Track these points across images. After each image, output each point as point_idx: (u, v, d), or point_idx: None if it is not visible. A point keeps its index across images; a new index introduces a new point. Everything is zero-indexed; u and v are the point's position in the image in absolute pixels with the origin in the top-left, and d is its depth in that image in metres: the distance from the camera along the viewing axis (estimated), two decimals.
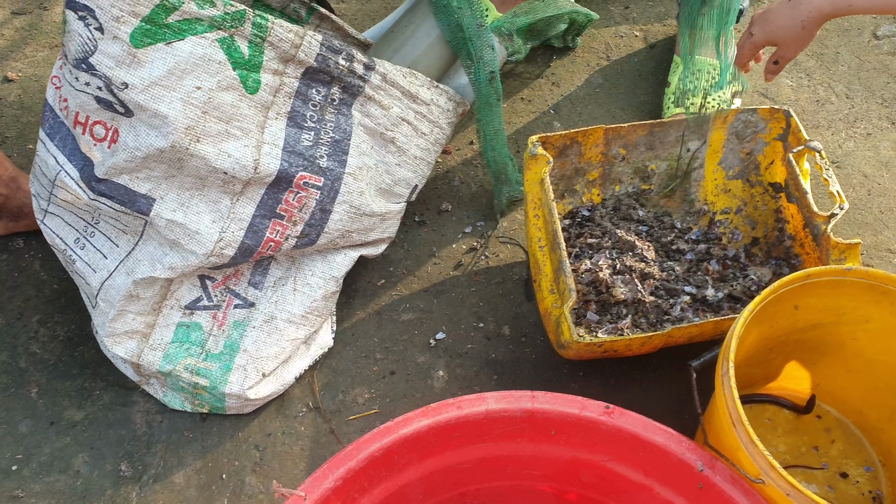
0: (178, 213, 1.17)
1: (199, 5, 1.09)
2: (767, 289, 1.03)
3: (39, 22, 1.83)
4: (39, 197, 1.26)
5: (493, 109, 1.38)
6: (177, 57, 1.09)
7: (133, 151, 1.12)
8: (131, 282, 1.21)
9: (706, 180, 1.45)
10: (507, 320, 1.39)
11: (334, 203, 1.27)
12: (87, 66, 1.09)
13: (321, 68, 1.20)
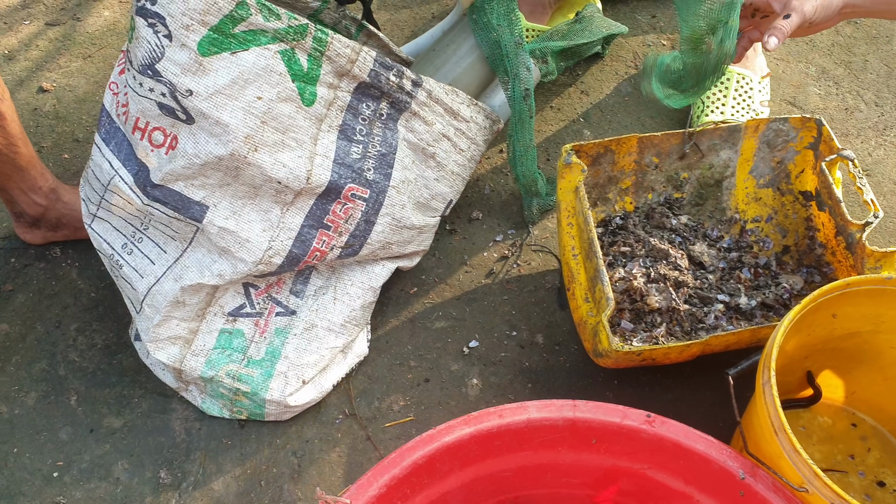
0: (230, 221, 1.19)
1: (266, 18, 1.11)
2: (807, 297, 1.04)
3: (73, 33, 1.85)
4: (89, 201, 1.28)
5: (525, 126, 1.40)
6: (240, 66, 1.11)
7: (191, 158, 1.14)
8: (179, 288, 1.23)
9: (737, 189, 1.45)
10: (540, 328, 1.40)
11: (378, 215, 1.29)
12: (153, 72, 1.11)
13: (373, 83, 1.23)
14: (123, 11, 1.89)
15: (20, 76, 1.77)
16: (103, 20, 1.88)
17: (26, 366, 1.38)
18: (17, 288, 1.47)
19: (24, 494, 1.26)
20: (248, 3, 1.10)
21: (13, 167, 1.36)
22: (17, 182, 1.39)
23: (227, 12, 1.09)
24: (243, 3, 1.10)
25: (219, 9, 1.09)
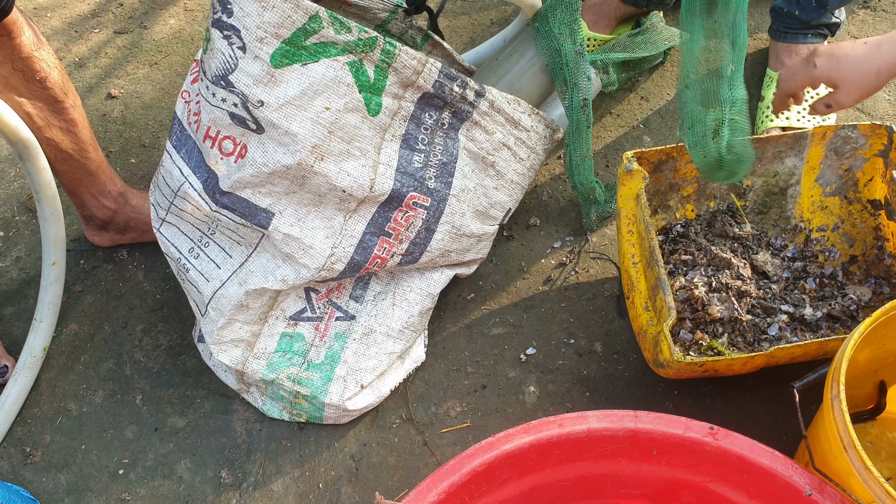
0: (294, 228, 1.21)
1: (337, 31, 1.13)
2: (878, 311, 1.01)
3: (140, 41, 1.90)
4: (158, 206, 1.32)
5: (583, 136, 1.40)
6: (310, 78, 1.14)
7: (260, 167, 1.17)
8: (244, 292, 1.25)
9: (802, 197, 1.42)
10: (598, 336, 1.39)
11: (438, 223, 1.30)
12: (226, 83, 1.14)
13: (437, 94, 1.24)
14: (189, 20, 1.94)
15: (90, 83, 1.82)
16: (169, 28, 1.92)
17: (94, 365, 1.42)
18: (85, 289, 1.51)
19: (91, 490, 1.30)
20: (321, 16, 1.12)
21: (84, 172, 1.40)
22: (87, 186, 1.43)
23: (301, 25, 1.11)
24: (316, 17, 1.12)
25: (292, 22, 1.11)
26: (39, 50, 1.26)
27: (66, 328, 1.47)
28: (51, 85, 1.29)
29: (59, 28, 1.94)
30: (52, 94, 1.30)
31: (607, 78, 1.54)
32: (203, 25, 1.92)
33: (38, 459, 1.33)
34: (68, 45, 1.90)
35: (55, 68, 1.29)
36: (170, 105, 1.77)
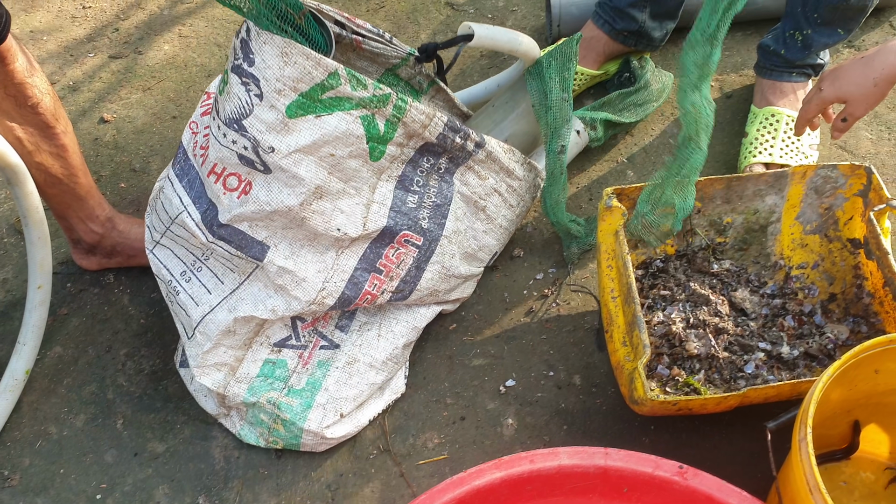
0: (289, 261, 1.24)
1: (353, 87, 1.17)
2: (847, 353, 1.02)
3: (134, 66, 1.93)
4: (153, 229, 1.34)
5: (557, 181, 1.43)
6: (323, 130, 1.16)
7: (263, 205, 1.19)
8: (232, 318, 1.27)
9: (783, 234, 1.43)
10: (578, 369, 1.40)
11: (428, 262, 1.33)
12: (239, 126, 1.16)
13: (439, 144, 1.28)
14: (183, 46, 1.96)
15: (83, 107, 1.84)
16: (163, 54, 1.95)
17: (77, 388, 1.43)
18: (71, 312, 1.52)
19: None
20: (340, 73, 1.15)
21: (73, 196, 1.42)
22: (76, 210, 1.45)
23: (319, 81, 1.14)
24: (335, 74, 1.15)
25: (312, 78, 1.14)
26: (32, 76, 1.28)
27: (51, 351, 1.48)
28: (42, 111, 1.31)
29: (55, 52, 1.96)
30: (43, 119, 1.32)
31: (595, 134, 1.60)
32: (196, 52, 1.95)
33: (15, 483, 1.33)
34: (63, 69, 1.92)
35: (47, 94, 1.31)
36: (161, 130, 1.79)
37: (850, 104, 1.30)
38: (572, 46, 1.40)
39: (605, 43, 1.70)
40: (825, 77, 1.32)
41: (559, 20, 1.82)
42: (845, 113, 1.32)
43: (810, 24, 1.53)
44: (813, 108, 1.35)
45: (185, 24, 2.01)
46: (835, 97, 1.31)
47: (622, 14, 1.66)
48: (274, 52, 1.13)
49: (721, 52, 1.15)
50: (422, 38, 1.93)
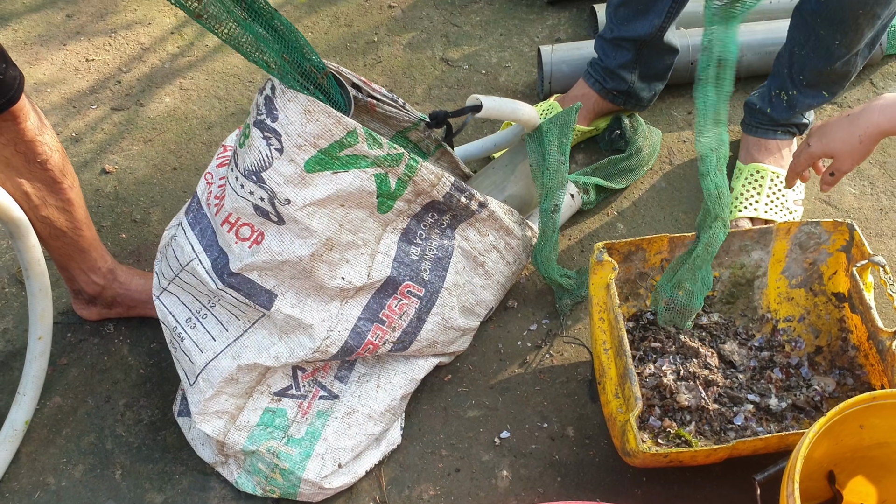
0: (295, 309, 1.28)
1: (370, 146, 1.22)
2: (832, 410, 1.05)
3: (136, 118, 1.97)
4: (162, 276, 1.37)
5: (548, 238, 1.48)
6: (338, 185, 1.22)
7: (274, 255, 1.24)
8: (236, 366, 1.30)
9: (769, 288, 1.47)
10: (571, 421, 1.43)
11: (429, 314, 1.37)
12: (258, 178, 1.21)
13: (445, 202, 1.34)
14: (183, 98, 2.01)
15: (85, 158, 1.88)
16: (164, 106, 1.99)
17: (76, 439, 1.44)
18: (71, 362, 1.54)
19: None
20: (358, 132, 1.21)
21: (76, 249, 1.45)
22: (78, 262, 1.47)
23: (339, 138, 1.20)
24: (353, 132, 1.21)
25: (332, 135, 1.20)
26: (42, 134, 1.31)
27: (50, 401, 1.49)
28: (51, 167, 1.34)
29: (58, 103, 2.00)
30: (51, 175, 1.35)
31: (587, 198, 1.67)
32: (197, 104, 1.99)
33: None
34: (66, 121, 1.96)
35: (56, 151, 1.34)
36: (162, 181, 1.83)
37: (836, 160, 1.35)
38: (571, 115, 1.46)
39: (595, 101, 1.76)
40: (813, 133, 1.37)
41: (550, 77, 1.88)
42: (832, 168, 1.37)
43: (796, 85, 1.59)
44: (802, 162, 1.41)
45: (185, 77, 2.06)
46: (822, 153, 1.36)
47: (613, 74, 1.72)
48: (297, 110, 1.19)
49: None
50: (417, 93, 1.98)
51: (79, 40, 2.17)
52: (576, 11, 2.14)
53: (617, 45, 1.69)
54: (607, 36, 1.71)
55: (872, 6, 1.42)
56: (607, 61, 1.72)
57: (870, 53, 1.56)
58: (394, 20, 2.18)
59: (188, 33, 2.18)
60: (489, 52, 2.07)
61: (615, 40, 1.69)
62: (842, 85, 1.58)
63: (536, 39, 2.09)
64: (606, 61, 1.72)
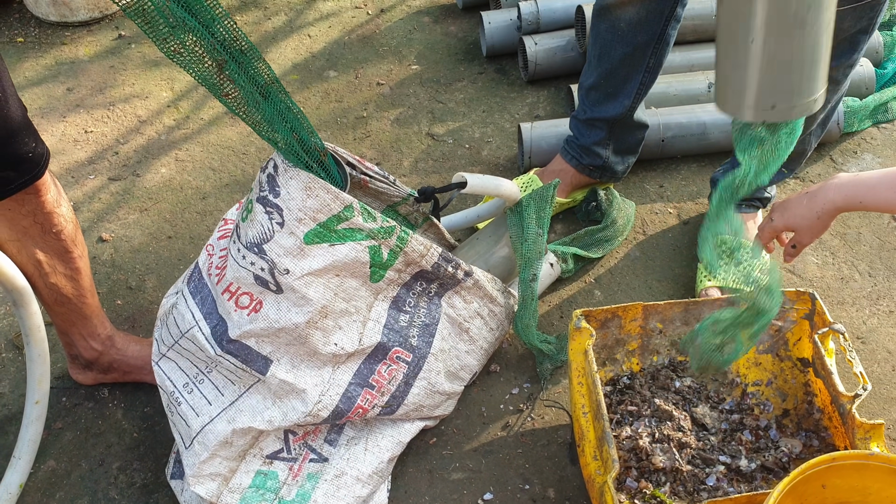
0: (289, 375, 1.34)
1: (365, 219, 1.32)
2: (795, 470, 1.12)
3: (132, 188, 2.05)
4: (161, 342, 1.43)
5: (528, 306, 1.57)
6: (335, 257, 1.30)
7: (272, 323, 1.31)
8: (231, 430, 1.35)
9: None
10: (552, 483, 1.48)
11: (416, 378, 1.45)
12: (259, 249, 1.30)
13: (433, 272, 1.43)
14: (179, 169, 2.09)
15: (83, 226, 1.95)
16: (160, 177, 2.07)
17: (69, 502, 1.48)
18: (66, 426, 1.58)
19: None
20: (354, 206, 1.31)
21: (79, 315, 1.50)
22: (79, 329, 1.53)
23: (336, 213, 1.30)
24: (350, 207, 1.30)
25: (329, 209, 1.29)
26: (59, 206, 1.38)
27: (44, 464, 1.53)
28: (65, 237, 1.40)
29: (57, 173, 2.08)
30: (64, 245, 1.41)
31: (566, 266, 1.77)
32: (192, 175, 2.07)
33: None
34: (64, 189, 2.03)
35: (70, 222, 1.41)
36: (157, 250, 1.90)
37: (797, 233, 1.44)
38: (549, 191, 1.57)
39: (572, 175, 1.86)
40: (776, 208, 1.45)
41: (530, 152, 1.98)
42: (794, 241, 1.46)
43: None
44: (766, 235, 1.48)
45: (181, 149, 2.15)
46: (784, 227, 1.44)
47: (588, 151, 1.83)
48: (299, 186, 1.28)
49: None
50: (405, 166, 2.08)
51: (78, 113, 2.26)
52: (553, 90, 2.27)
53: (590, 124, 1.81)
54: (581, 117, 1.82)
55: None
56: (582, 139, 1.82)
57: (822, 132, 1.68)
58: (382, 97, 2.29)
59: (184, 106, 2.28)
60: (472, 127, 2.18)
61: (588, 120, 1.81)
62: (799, 162, 1.69)
63: (517, 116, 2.20)
64: (581, 139, 1.83)
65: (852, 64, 1.50)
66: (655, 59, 1.69)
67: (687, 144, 1.99)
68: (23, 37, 2.53)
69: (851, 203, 1.35)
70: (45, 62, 2.44)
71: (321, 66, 2.41)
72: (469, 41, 2.46)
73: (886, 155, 2.04)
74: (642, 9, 1.63)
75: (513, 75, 2.33)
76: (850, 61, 1.49)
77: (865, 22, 1.42)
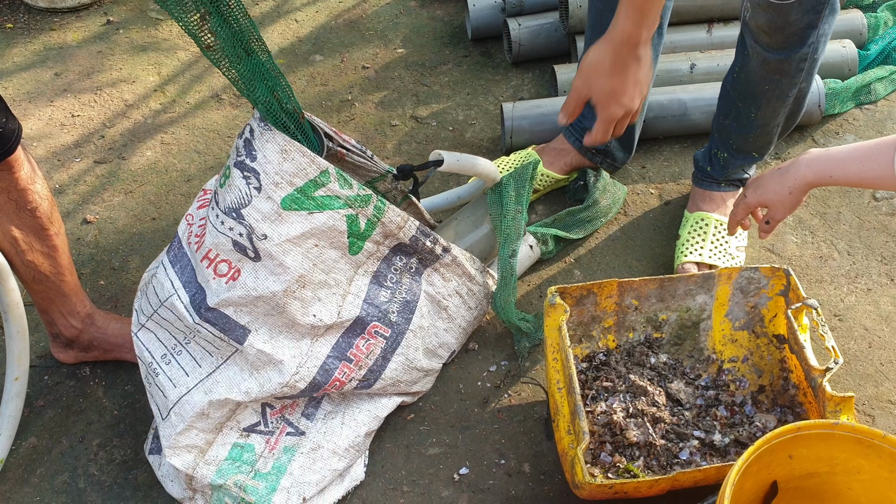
0: (267, 345, 1.35)
1: (341, 185, 1.33)
2: (761, 439, 1.12)
3: (118, 170, 2.06)
4: (141, 313, 1.44)
5: (507, 283, 1.58)
6: (312, 224, 1.31)
7: (249, 291, 1.32)
8: (207, 401, 1.36)
9: (714, 330, 1.56)
10: (527, 458, 1.49)
11: (394, 354, 1.46)
12: (237, 214, 1.30)
13: (411, 245, 1.44)
14: (164, 152, 2.10)
15: (68, 208, 1.96)
16: (146, 160, 2.08)
17: (49, 478, 1.49)
18: (47, 404, 1.60)
19: None
20: (330, 172, 1.32)
21: (58, 293, 1.51)
22: (58, 306, 1.54)
23: (313, 177, 1.30)
24: (326, 172, 1.31)
25: (306, 174, 1.30)
26: (34, 183, 1.39)
27: (26, 441, 1.54)
28: (40, 214, 1.41)
29: (44, 156, 2.09)
30: (39, 222, 1.42)
31: (546, 248, 1.78)
32: (177, 158, 2.08)
33: None
34: (50, 173, 2.05)
35: (45, 199, 1.42)
36: (141, 231, 1.91)
37: (770, 209, 1.45)
38: (528, 170, 1.57)
39: (573, 156, 1.87)
40: (749, 185, 1.47)
41: (511, 132, 1.99)
42: (768, 216, 1.47)
43: (727, 149, 1.71)
44: (740, 211, 1.51)
45: (167, 133, 2.16)
46: (757, 203, 1.46)
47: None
48: (275, 149, 1.29)
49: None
50: (388, 148, 2.09)
51: (65, 97, 2.27)
52: (538, 72, 2.27)
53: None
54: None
55: (777, 85, 1.55)
56: (586, 122, 1.82)
57: (793, 122, 1.68)
58: (367, 80, 2.30)
59: (170, 91, 2.29)
60: (456, 110, 2.19)
61: None
62: (768, 148, 1.71)
63: (501, 98, 2.21)
64: (585, 122, 1.82)
65: (804, 58, 1.51)
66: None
67: (668, 125, 1.99)
68: (12, 23, 2.54)
69: (822, 178, 1.36)
70: (34, 47, 2.44)
71: (307, 50, 2.41)
72: (455, 25, 2.46)
73: (868, 136, 2.04)
74: None
75: (498, 58, 2.34)
76: (800, 54, 1.50)
77: (812, 16, 1.44)
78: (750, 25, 1.49)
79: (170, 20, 2.53)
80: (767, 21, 1.44)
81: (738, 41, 1.59)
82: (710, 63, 2.08)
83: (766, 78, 1.55)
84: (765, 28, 1.46)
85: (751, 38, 1.52)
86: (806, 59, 1.51)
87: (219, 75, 2.32)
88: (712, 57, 2.09)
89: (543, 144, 1.93)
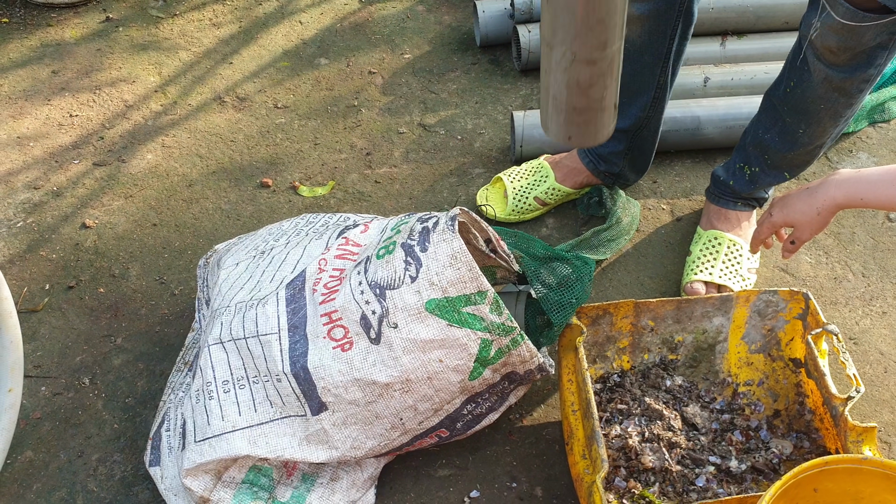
0: (334, 430, 1.30)
1: (492, 310, 1.27)
2: (788, 474, 1.10)
3: (117, 173, 2.01)
4: (225, 327, 1.37)
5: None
6: (447, 335, 1.25)
7: (352, 371, 1.26)
8: (246, 452, 1.28)
9: (730, 353, 1.54)
10: (539, 481, 1.46)
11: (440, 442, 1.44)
12: (381, 293, 1.26)
13: (523, 377, 1.38)
14: (165, 156, 2.05)
15: (65, 212, 1.91)
16: (146, 163, 2.03)
17: (46, 494, 1.44)
18: (44, 416, 1.55)
19: None
20: (488, 295, 1.26)
21: None
22: None
23: (467, 293, 1.25)
24: (483, 294, 1.26)
25: (464, 286, 1.25)
26: None
27: (22, 455, 1.49)
28: None
29: (40, 157, 2.04)
30: None
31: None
32: (178, 162, 2.04)
33: None
34: (48, 175, 1.99)
35: None
36: (142, 237, 1.86)
37: (796, 229, 1.43)
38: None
39: (586, 175, 1.84)
40: (775, 203, 1.44)
41: (522, 141, 1.96)
42: (793, 237, 1.45)
43: (759, 163, 1.67)
44: (764, 230, 1.48)
45: (168, 135, 2.11)
46: (783, 222, 1.43)
47: (605, 159, 1.80)
48: (447, 252, 1.25)
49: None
50: (395, 156, 2.05)
51: (63, 96, 2.21)
52: None
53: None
54: None
55: (834, 104, 1.50)
56: (599, 148, 1.79)
57: (832, 145, 1.65)
58: (374, 86, 2.26)
59: (172, 92, 2.24)
60: (465, 118, 2.15)
61: None
62: (803, 168, 1.67)
63: (510, 107, 2.17)
64: (598, 148, 1.79)
65: (868, 79, 1.45)
66: (665, 76, 1.65)
67: (680, 139, 1.96)
68: (7, 17, 2.48)
69: (852, 200, 1.33)
70: (30, 44, 2.39)
71: (312, 53, 2.37)
72: (463, 31, 2.43)
73: (882, 154, 2.02)
74: (643, 32, 1.58)
75: (507, 66, 2.30)
76: (865, 75, 1.43)
77: (885, 37, 1.37)
78: (815, 44, 1.43)
79: (171, 18, 2.48)
80: (838, 42, 1.38)
81: (793, 56, 1.52)
82: (723, 77, 2.05)
83: (823, 96, 1.50)
84: (833, 49, 1.40)
85: (813, 56, 1.46)
86: (869, 81, 1.46)
87: (221, 77, 2.27)
88: (726, 71, 2.06)
89: (556, 157, 1.90)
